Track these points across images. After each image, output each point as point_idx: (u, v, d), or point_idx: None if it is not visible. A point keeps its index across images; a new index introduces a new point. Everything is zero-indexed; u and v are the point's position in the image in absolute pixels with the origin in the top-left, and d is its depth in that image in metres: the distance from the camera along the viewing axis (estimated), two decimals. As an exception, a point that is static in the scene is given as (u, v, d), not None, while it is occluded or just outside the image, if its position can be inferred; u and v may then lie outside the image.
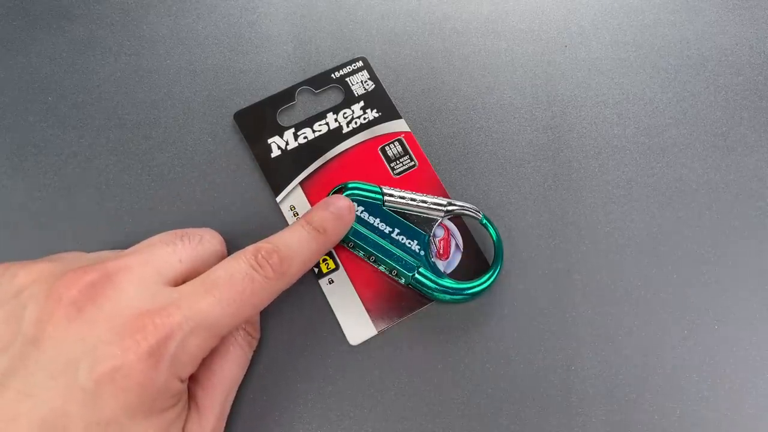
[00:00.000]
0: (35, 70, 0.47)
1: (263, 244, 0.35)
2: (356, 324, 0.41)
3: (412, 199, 0.42)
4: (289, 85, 0.46)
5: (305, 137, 0.45)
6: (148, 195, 0.44)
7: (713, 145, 0.46)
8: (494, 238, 0.42)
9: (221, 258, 0.37)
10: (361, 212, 0.42)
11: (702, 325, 0.42)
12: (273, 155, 0.44)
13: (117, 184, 0.44)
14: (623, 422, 0.39)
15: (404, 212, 0.42)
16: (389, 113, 0.46)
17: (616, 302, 0.42)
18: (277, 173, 0.44)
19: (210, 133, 0.46)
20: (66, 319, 0.31)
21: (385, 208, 0.42)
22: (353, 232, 0.41)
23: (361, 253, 0.42)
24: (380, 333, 0.41)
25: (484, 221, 0.42)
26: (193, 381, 0.35)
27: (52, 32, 0.48)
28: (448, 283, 0.40)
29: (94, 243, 0.43)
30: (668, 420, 0.40)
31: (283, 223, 0.43)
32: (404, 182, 0.44)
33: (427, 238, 0.41)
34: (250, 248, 0.35)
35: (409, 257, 0.41)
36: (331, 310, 0.41)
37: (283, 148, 0.45)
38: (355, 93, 0.46)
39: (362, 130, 0.45)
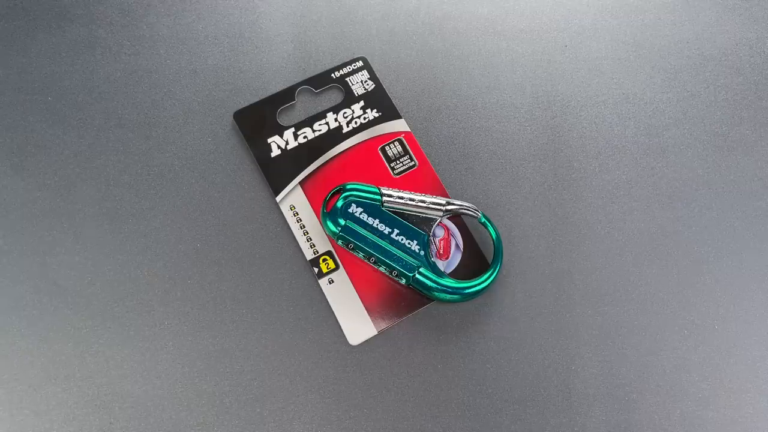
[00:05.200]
0: (35, 70, 0.47)
1: None
2: (356, 324, 0.41)
3: (411, 199, 0.42)
4: (289, 84, 0.46)
5: (305, 137, 0.45)
6: (148, 195, 0.44)
7: (713, 145, 0.46)
8: (494, 237, 0.42)
9: None
10: (360, 213, 0.42)
11: (702, 325, 0.41)
12: (273, 155, 0.44)
13: (117, 184, 0.44)
14: (623, 422, 0.39)
15: (403, 212, 0.42)
16: (389, 113, 0.46)
17: (616, 302, 0.42)
18: (277, 173, 0.44)
19: (210, 133, 0.46)
20: None
21: (383, 208, 0.42)
22: (353, 233, 0.41)
23: (361, 255, 0.41)
24: (380, 333, 0.41)
25: (483, 220, 0.42)
26: None
27: (52, 32, 0.48)
28: (448, 282, 0.40)
29: (94, 243, 0.43)
30: (668, 420, 0.40)
31: (283, 223, 0.43)
32: (404, 182, 0.44)
33: (426, 237, 0.41)
34: None
35: (409, 257, 0.41)
36: (331, 310, 0.41)
37: (283, 147, 0.45)
38: (355, 93, 0.46)
39: (362, 130, 0.45)
